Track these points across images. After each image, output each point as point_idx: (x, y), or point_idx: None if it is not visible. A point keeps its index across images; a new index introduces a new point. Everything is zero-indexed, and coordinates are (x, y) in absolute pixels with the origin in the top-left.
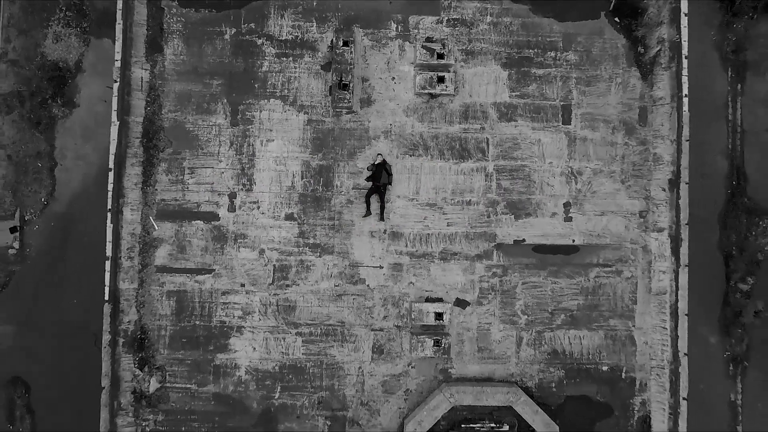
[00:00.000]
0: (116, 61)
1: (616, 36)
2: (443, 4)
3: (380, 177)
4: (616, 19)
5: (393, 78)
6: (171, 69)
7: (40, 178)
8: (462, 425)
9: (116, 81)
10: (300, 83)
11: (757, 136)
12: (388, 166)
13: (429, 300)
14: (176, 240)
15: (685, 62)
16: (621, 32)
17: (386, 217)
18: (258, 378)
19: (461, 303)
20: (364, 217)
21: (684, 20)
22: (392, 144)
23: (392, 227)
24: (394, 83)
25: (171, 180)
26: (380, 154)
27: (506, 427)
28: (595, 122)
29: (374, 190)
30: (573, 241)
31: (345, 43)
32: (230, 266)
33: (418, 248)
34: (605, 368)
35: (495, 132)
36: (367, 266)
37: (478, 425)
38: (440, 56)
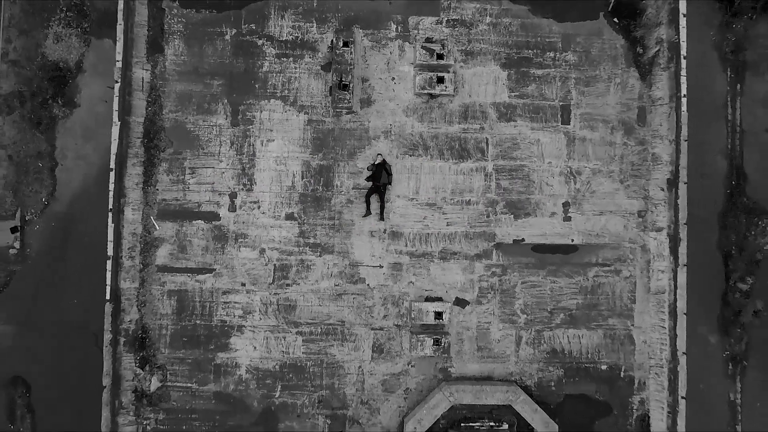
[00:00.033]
0: (117, 62)
1: (615, 36)
2: (443, 5)
3: (380, 177)
4: (615, 20)
5: (393, 78)
6: (172, 69)
7: (41, 178)
8: (461, 424)
9: (117, 81)
10: (300, 83)
11: (757, 136)
12: (388, 166)
13: (429, 299)
14: (177, 239)
15: (684, 63)
16: (620, 33)
17: (386, 217)
18: (258, 377)
19: (461, 302)
20: (364, 217)
21: (682, 21)
22: (392, 144)
23: (392, 227)
24: (394, 83)
25: (172, 180)
26: (380, 154)
27: (505, 426)
28: (594, 122)
29: (374, 190)
30: (572, 241)
31: (345, 44)
32: (231, 266)
33: (418, 248)
34: (604, 367)
35: (494, 132)
36: (367, 266)
37: (478, 424)
38: (440, 57)
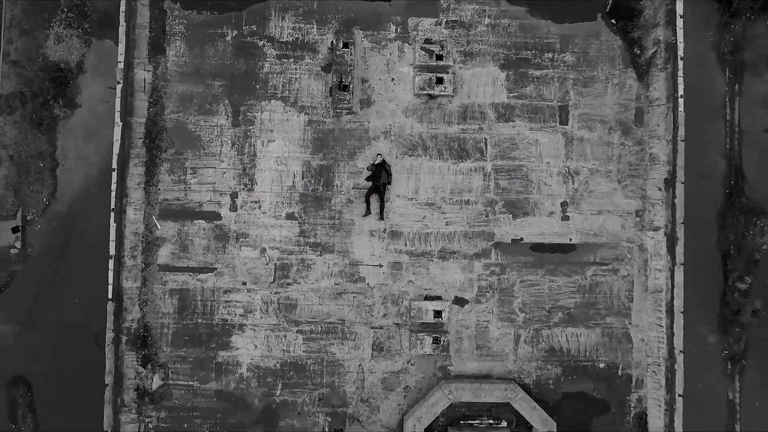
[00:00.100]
0: (119, 63)
1: (613, 37)
2: (442, 6)
3: (380, 177)
4: (613, 21)
5: (392, 79)
6: (173, 70)
7: (42, 179)
8: (461, 421)
9: (119, 82)
10: (300, 84)
11: (755, 136)
12: (388, 166)
13: (428, 298)
14: (179, 239)
15: (681, 63)
16: (617, 34)
17: (386, 217)
18: (259, 375)
19: (460, 301)
20: (364, 217)
21: (679, 22)
22: (392, 144)
23: (392, 226)
24: (394, 84)
25: (173, 180)
26: (380, 154)
27: (504, 424)
28: (592, 123)
29: (374, 190)
30: (570, 240)
31: (345, 45)
32: (232, 265)
33: (418, 247)
34: (602, 365)
35: (493, 132)
36: (367, 265)
37: (477, 422)
38: (439, 57)
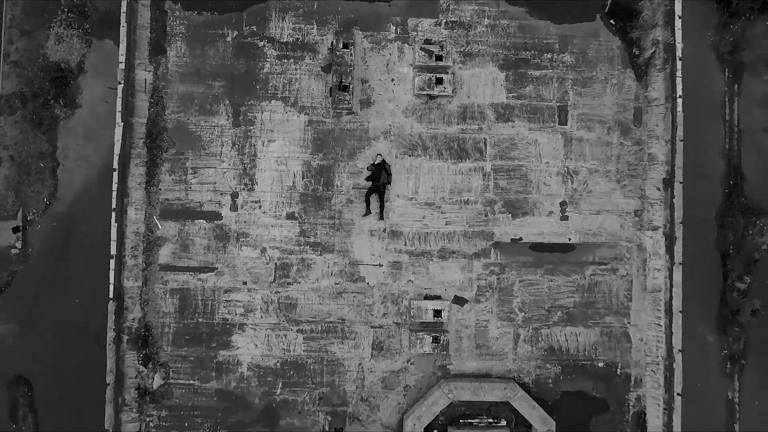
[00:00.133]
0: (120, 64)
1: (612, 38)
2: (441, 7)
3: (380, 177)
4: (612, 22)
5: (392, 79)
6: (174, 71)
7: (43, 179)
8: (460, 420)
9: (121, 83)
10: (301, 85)
11: (754, 137)
12: (388, 166)
13: (428, 297)
14: (179, 239)
15: (679, 64)
16: (616, 34)
17: (386, 216)
18: (260, 374)
19: (459, 300)
20: (364, 216)
21: (678, 22)
22: (391, 144)
23: (391, 226)
24: (394, 85)
25: (174, 180)
26: (380, 155)
27: (503, 423)
28: (591, 123)
29: (374, 190)
30: (569, 240)
31: (345, 46)
32: (232, 264)
33: (417, 247)
34: (601, 364)
35: (492, 132)
36: (367, 264)
37: (476, 420)
38: (438, 58)
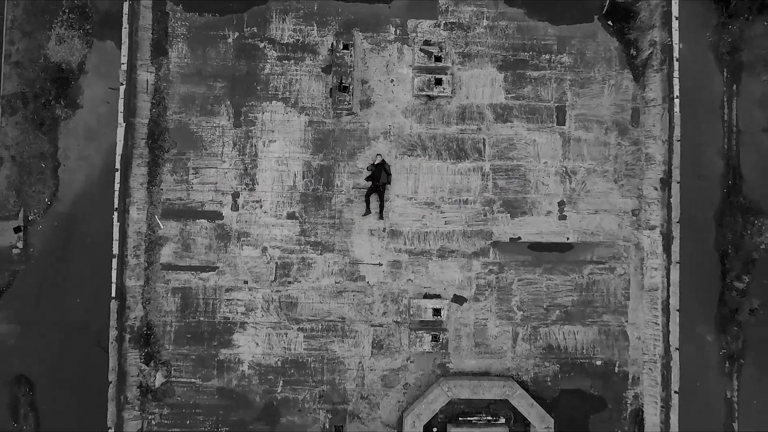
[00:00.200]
0: (122, 65)
1: (609, 39)
2: (441, 8)
3: (379, 177)
4: (609, 23)
5: (392, 80)
6: (175, 72)
7: (44, 179)
8: (459, 418)
9: (123, 84)
10: (301, 85)
11: (753, 137)
12: (387, 166)
13: (427, 296)
14: (181, 238)
15: (676, 64)
16: (614, 35)
17: (385, 216)
18: (261, 372)
19: (458, 299)
20: (364, 216)
21: (675, 23)
22: (391, 144)
23: (391, 225)
24: (393, 85)
25: (176, 180)
26: (379, 155)
27: (502, 420)
28: (589, 123)
29: (374, 190)
30: (567, 239)
31: (345, 47)
32: (233, 264)
33: (417, 246)
34: (599, 363)
35: (491, 133)
36: (367, 263)
37: (475, 418)
38: (438, 59)
